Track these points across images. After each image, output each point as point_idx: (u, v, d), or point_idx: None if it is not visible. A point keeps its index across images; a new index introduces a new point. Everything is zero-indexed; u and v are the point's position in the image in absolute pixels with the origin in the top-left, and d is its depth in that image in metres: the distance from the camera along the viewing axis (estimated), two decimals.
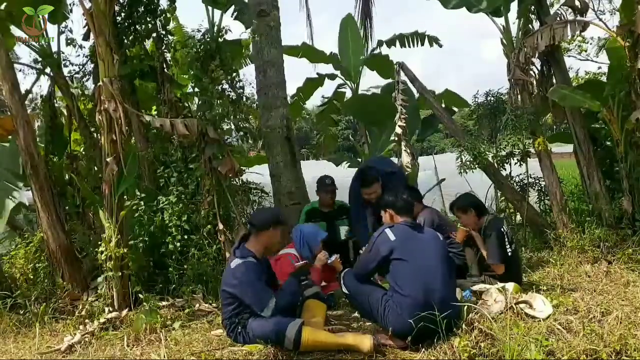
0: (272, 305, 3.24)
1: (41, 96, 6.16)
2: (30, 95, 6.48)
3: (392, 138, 5.77)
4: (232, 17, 5.11)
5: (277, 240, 3.62)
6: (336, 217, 5.23)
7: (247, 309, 3.31)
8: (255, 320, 3.26)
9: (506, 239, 4.15)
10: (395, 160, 6.05)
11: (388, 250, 3.28)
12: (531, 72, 5.62)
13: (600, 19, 9.92)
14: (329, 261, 4.13)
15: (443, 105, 7.36)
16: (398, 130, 5.54)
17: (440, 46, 8.10)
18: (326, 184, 5.19)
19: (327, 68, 8.20)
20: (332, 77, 8.13)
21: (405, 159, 5.47)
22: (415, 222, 3.62)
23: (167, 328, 3.75)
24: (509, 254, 4.13)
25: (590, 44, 11.53)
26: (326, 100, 8.79)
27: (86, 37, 5.48)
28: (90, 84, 6.13)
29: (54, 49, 5.68)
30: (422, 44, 7.93)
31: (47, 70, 5.80)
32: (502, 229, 4.17)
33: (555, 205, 5.43)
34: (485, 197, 7.24)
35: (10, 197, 5.01)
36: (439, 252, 3.35)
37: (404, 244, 3.30)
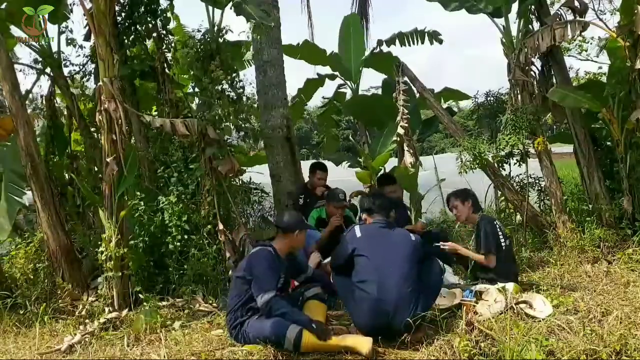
0: (268, 297, 3.21)
1: (41, 96, 6.16)
2: (30, 95, 6.48)
3: (394, 139, 5.76)
4: (231, 9, 5.07)
5: (301, 241, 3.74)
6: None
7: (253, 300, 3.31)
8: (257, 320, 3.27)
9: (500, 234, 4.19)
10: (395, 160, 6.05)
11: (352, 248, 3.49)
12: (531, 72, 5.62)
13: (601, 19, 9.94)
14: (322, 262, 4.25)
15: (444, 105, 7.37)
16: (400, 130, 5.53)
17: (441, 42, 8.02)
18: (339, 199, 5.05)
19: (327, 68, 8.19)
20: (332, 77, 8.10)
21: (408, 159, 5.46)
22: (387, 220, 3.69)
23: (167, 328, 3.75)
24: (503, 247, 4.17)
25: (591, 44, 11.55)
26: (327, 100, 8.77)
27: (87, 38, 5.48)
28: (90, 84, 6.13)
29: (54, 49, 5.69)
30: (422, 42, 7.87)
31: (48, 70, 5.80)
32: (495, 222, 4.27)
33: (555, 205, 5.43)
34: (485, 197, 7.26)
35: (16, 198, 5.01)
36: (404, 252, 3.42)
37: (368, 242, 3.47)
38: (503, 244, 4.17)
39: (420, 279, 3.42)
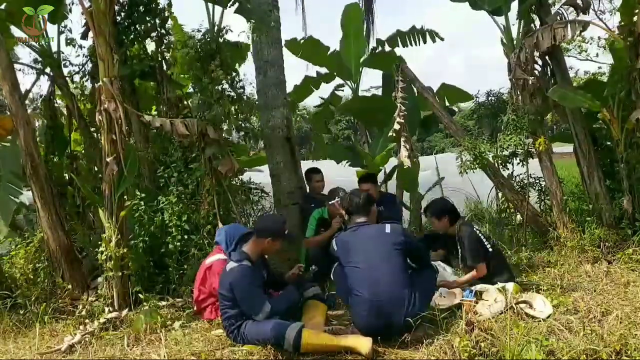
0: (267, 310, 3.26)
1: (41, 96, 6.15)
2: (30, 95, 6.47)
3: (390, 134, 5.74)
4: (231, 6, 5.07)
5: (275, 249, 3.65)
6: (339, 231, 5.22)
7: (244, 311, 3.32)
8: (254, 322, 3.26)
9: (483, 238, 4.21)
10: (395, 160, 6.02)
11: (336, 259, 3.61)
12: (532, 71, 5.61)
13: (601, 19, 9.94)
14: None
15: (446, 104, 7.35)
16: (396, 126, 5.53)
17: (442, 39, 7.97)
18: (340, 196, 4.92)
19: (326, 68, 8.12)
20: (327, 79, 8.03)
21: (403, 152, 5.45)
22: (365, 221, 3.67)
23: (167, 328, 3.75)
24: (490, 250, 4.18)
25: (591, 44, 11.56)
26: (323, 101, 8.69)
27: (84, 36, 5.46)
28: (89, 84, 6.11)
29: (54, 48, 5.68)
30: (425, 41, 7.81)
31: (47, 70, 5.80)
32: (474, 230, 4.25)
33: (556, 205, 5.43)
34: (488, 197, 7.26)
35: (12, 198, 5.01)
36: (383, 249, 3.42)
37: (346, 251, 3.50)
38: (489, 247, 4.20)
39: (414, 275, 3.42)
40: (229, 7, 5.13)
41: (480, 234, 4.23)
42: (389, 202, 5.29)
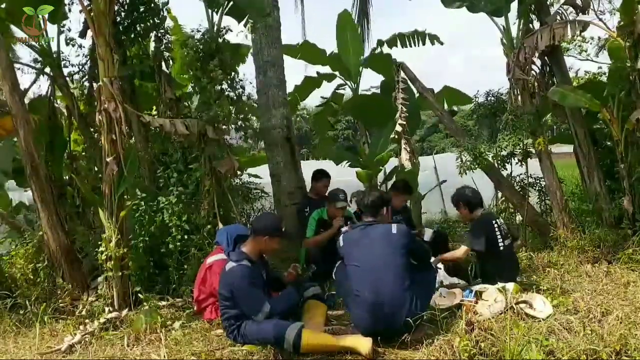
0: (266, 310, 3.24)
1: (39, 96, 6.12)
2: (32, 95, 6.46)
3: (391, 136, 5.75)
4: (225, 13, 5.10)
5: (273, 248, 3.61)
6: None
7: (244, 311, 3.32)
8: (254, 322, 3.26)
9: (498, 233, 4.20)
10: (396, 161, 6.04)
11: (340, 259, 3.65)
12: (532, 72, 5.62)
13: (600, 19, 9.92)
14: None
15: (445, 106, 7.34)
16: (398, 128, 5.54)
17: (442, 44, 7.98)
18: (340, 200, 4.98)
19: (326, 68, 8.11)
20: (329, 78, 8.04)
21: (404, 155, 5.46)
22: (375, 220, 3.66)
23: (167, 328, 3.74)
24: (501, 247, 4.17)
25: (591, 44, 11.57)
26: (324, 100, 8.69)
27: (82, 34, 5.45)
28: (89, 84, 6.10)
29: (54, 48, 5.67)
30: (424, 44, 7.82)
31: (47, 70, 5.79)
32: (493, 222, 4.27)
33: (556, 206, 5.43)
34: (492, 197, 7.26)
35: None
36: (388, 250, 3.41)
37: (351, 249, 3.53)
38: (500, 244, 4.18)
39: (415, 276, 3.41)
40: (221, 10, 5.12)
41: (497, 228, 4.22)
42: (406, 210, 5.61)
